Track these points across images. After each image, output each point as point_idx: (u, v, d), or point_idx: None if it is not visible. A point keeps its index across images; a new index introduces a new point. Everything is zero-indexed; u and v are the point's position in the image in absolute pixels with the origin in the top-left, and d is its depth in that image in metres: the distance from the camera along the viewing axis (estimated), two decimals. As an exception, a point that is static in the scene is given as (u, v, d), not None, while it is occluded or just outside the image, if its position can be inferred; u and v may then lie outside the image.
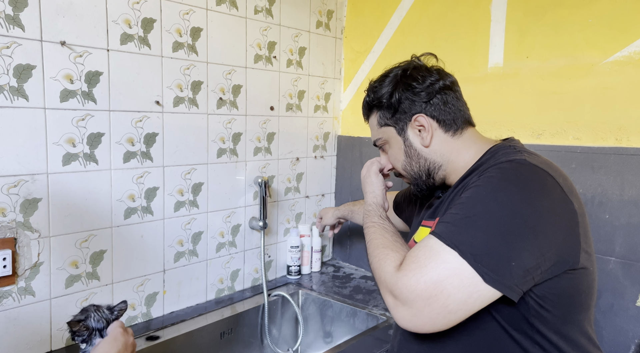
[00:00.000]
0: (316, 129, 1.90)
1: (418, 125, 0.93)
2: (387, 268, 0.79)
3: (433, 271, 0.70)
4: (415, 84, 0.93)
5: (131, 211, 1.34)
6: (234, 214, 1.62)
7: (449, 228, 0.74)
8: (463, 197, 0.78)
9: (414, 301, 0.71)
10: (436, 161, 0.94)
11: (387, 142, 0.99)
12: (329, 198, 2.00)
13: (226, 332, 1.48)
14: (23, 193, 1.12)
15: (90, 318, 0.94)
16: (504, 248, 0.70)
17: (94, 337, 0.93)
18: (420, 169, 0.96)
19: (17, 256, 1.12)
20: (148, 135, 1.35)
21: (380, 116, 0.98)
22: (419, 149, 0.95)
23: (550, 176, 0.76)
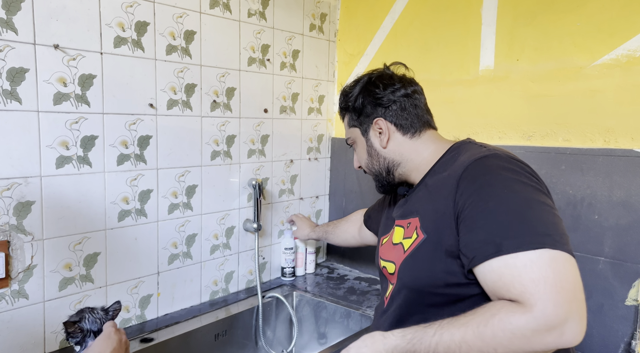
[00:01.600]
0: (310, 132, 1.91)
1: (378, 128, 1.04)
2: (516, 323, 0.71)
3: (555, 274, 0.71)
4: (377, 90, 1.05)
5: (125, 213, 1.34)
6: (228, 217, 1.63)
7: (515, 237, 0.75)
8: (484, 207, 0.80)
9: (569, 311, 0.70)
10: (394, 160, 1.04)
11: (355, 142, 1.11)
12: (323, 200, 2.01)
13: (220, 334, 1.48)
14: (16, 196, 1.13)
15: (85, 319, 0.95)
16: (554, 219, 0.78)
17: (87, 339, 0.94)
18: (380, 167, 1.06)
19: (10, 259, 1.12)
20: (142, 138, 1.36)
21: (350, 117, 1.10)
22: (378, 149, 1.06)
23: (518, 160, 0.89)
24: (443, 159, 0.98)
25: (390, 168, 1.05)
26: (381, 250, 1.09)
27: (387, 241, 1.08)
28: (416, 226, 0.93)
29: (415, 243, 0.92)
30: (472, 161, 0.85)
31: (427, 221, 0.91)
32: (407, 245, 0.94)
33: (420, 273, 0.89)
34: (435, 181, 0.95)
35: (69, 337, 0.94)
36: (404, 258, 0.94)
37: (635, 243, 1.22)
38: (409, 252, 0.93)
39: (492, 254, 0.76)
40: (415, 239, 0.92)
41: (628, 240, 1.23)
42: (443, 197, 0.87)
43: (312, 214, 1.96)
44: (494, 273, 0.77)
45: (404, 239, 0.97)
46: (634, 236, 1.22)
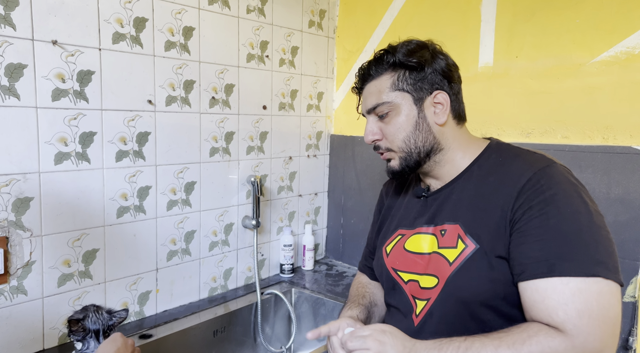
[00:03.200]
0: (309, 128, 1.91)
1: (436, 102, 0.91)
2: (555, 348, 0.72)
3: (600, 310, 0.72)
4: (448, 61, 0.93)
5: (123, 210, 1.34)
6: (226, 213, 1.63)
7: (571, 260, 0.74)
8: (543, 223, 0.77)
9: (606, 344, 0.72)
10: (441, 143, 0.93)
11: (395, 109, 0.92)
12: (322, 197, 2.01)
13: (219, 330, 1.49)
14: (15, 192, 1.13)
15: (89, 318, 0.95)
16: (610, 244, 0.76)
17: (88, 338, 0.94)
18: (422, 145, 0.91)
19: (9, 255, 1.12)
20: (140, 134, 1.36)
21: (400, 78, 0.91)
22: (431, 124, 0.91)
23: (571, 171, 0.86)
24: (481, 160, 0.91)
25: (434, 150, 0.92)
26: (390, 261, 0.99)
27: (394, 249, 0.99)
28: (459, 234, 0.86)
29: (464, 253, 0.84)
30: (535, 171, 0.81)
31: (476, 229, 0.84)
32: (451, 256, 0.86)
33: (477, 284, 0.83)
34: (478, 186, 0.88)
35: (71, 333, 0.94)
36: (453, 270, 0.85)
37: (633, 240, 1.22)
38: (458, 263, 0.85)
39: (542, 274, 0.75)
40: (464, 249, 0.85)
41: (626, 236, 1.23)
42: (498, 206, 0.82)
43: (310, 211, 1.97)
44: (537, 294, 0.76)
45: (442, 249, 0.88)
46: (632, 233, 1.22)
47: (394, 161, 0.95)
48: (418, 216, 0.97)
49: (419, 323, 0.90)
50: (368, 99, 0.96)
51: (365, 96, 0.97)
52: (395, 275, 0.97)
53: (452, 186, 0.93)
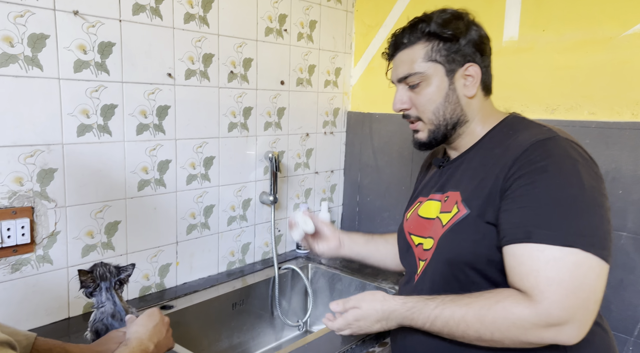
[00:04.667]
0: (326, 105, 1.90)
1: (467, 74, 0.91)
2: (518, 314, 0.74)
3: (572, 280, 0.71)
4: (482, 33, 0.92)
5: (144, 183, 1.35)
6: (244, 189, 1.64)
7: (549, 228, 0.74)
8: (529, 191, 0.77)
9: (574, 315, 0.72)
10: (468, 115, 0.93)
11: (426, 80, 0.91)
12: (338, 174, 2.01)
13: (238, 303, 1.51)
14: (39, 162, 1.14)
15: (96, 271, 0.97)
16: (601, 222, 0.75)
17: (99, 292, 0.96)
18: (452, 117, 0.92)
19: (34, 225, 1.14)
20: (160, 108, 1.35)
21: (434, 49, 0.90)
22: (461, 96, 0.92)
23: (580, 146, 0.82)
24: (494, 132, 0.92)
25: (460, 122, 0.93)
26: (407, 226, 1.05)
27: (412, 215, 1.04)
28: (456, 201, 0.90)
29: (455, 217, 0.88)
30: (533, 142, 0.81)
31: (471, 196, 0.87)
32: (445, 220, 0.90)
33: (462, 246, 0.86)
34: (483, 157, 0.90)
35: (82, 286, 0.96)
36: (443, 232, 0.90)
37: (659, 218, 1.20)
38: (448, 226, 0.89)
39: (519, 239, 0.76)
40: (456, 213, 0.88)
41: (651, 215, 1.21)
42: (493, 175, 0.84)
43: (327, 188, 1.96)
44: (514, 259, 0.77)
45: (442, 213, 0.93)
46: (658, 211, 1.20)
47: (422, 133, 0.97)
48: (434, 185, 1.01)
49: (416, 281, 0.97)
50: (399, 67, 0.95)
51: (396, 64, 0.96)
52: (409, 239, 1.03)
53: (464, 156, 0.96)
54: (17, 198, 1.11)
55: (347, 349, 1.13)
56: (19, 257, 1.12)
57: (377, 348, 1.18)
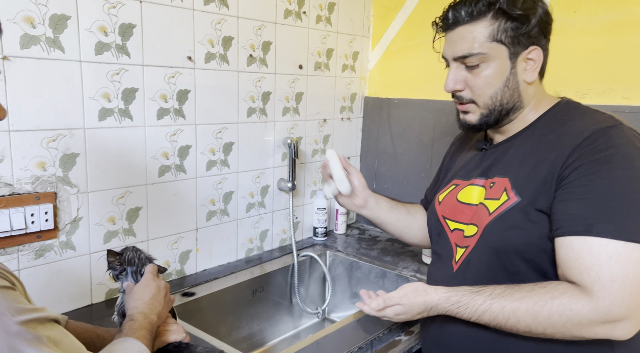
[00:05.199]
0: (343, 90, 1.86)
1: (529, 58, 0.85)
2: (577, 311, 0.72)
3: (636, 277, 0.69)
4: (548, 12, 0.85)
5: (165, 169, 1.33)
6: (263, 175, 1.61)
7: (613, 222, 0.71)
8: (591, 182, 0.74)
9: (633, 312, 0.70)
10: (523, 101, 0.89)
11: (487, 61, 0.84)
12: (355, 161, 1.98)
13: (258, 290, 1.50)
14: (62, 147, 1.11)
15: (125, 254, 0.95)
16: None
17: (124, 276, 0.94)
18: (508, 103, 0.87)
19: (57, 211, 1.12)
20: (180, 92, 1.32)
21: (500, 28, 0.82)
22: (520, 81, 0.85)
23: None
24: (546, 117, 0.88)
25: (515, 108, 0.88)
26: (441, 209, 1.01)
27: (447, 198, 1.00)
28: (505, 188, 0.86)
29: (505, 205, 0.85)
30: (595, 129, 0.77)
31: (522, 183, 0.84)
32: (493, 207, 0.87)
33: (512, 235, 0.82)
34: (535, 143, 0.86)
35: (108, 267, 0.94)
36: (491, 220, 0.86)
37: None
38: (496, 214, 0.85)
39: (579, 231, 0.73)
40: (505, 201, 0.85)
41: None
42: (548, 161, 0.80)
43: (343, 175, 1.94)
44: (572, 252, 0.74)
45: (487, 200, 0.89)
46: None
47: (472, 116, 0.91)
48: (474, 169, 0.97)
49: (457, 269, 0.93)
50: (458, 44, 0.86)
51: (453, 39, 0.88)
52: (443, 222, 1.00)
53: (512, 141, 0.92)
54: (40, 183, 1.09)
55: (373, 338, 1.12)
56: (42, 243, 1.10)
57: (403, 336, 1.18)
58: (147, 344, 0.74)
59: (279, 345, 1.55)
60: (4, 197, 1.03)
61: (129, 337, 0.73)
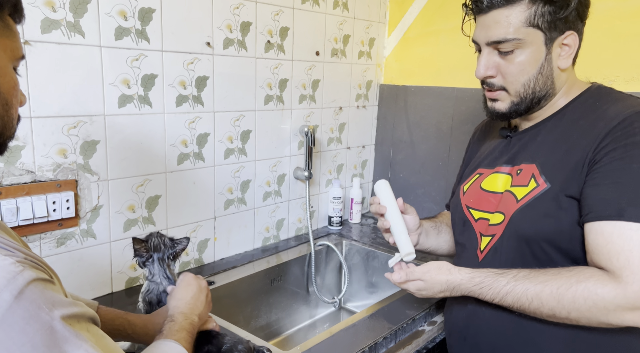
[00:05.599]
0: (359, 77, 1.84)
1: (565, 43, 0.81)
2: (603, 295, 0.70)
3: None
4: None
5: (184, 156, 1.31)
6: (279, 164, 1.60)
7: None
8: (624, 166, 0.71)
9: None
10: (556, 88, 0.86)
11: (522, 47, 0.81)
12: (369, 150, 1.96)
13: (276, 279, 1.49)
14: (82, 134, 1.09)
15: (151, 241, 0.93)
16: None
17: (151, 263, 0.92)
18: (540, 90, 0.83)
19: (78, 199, 1.11)
20: (199, 78, 1.30)
21: (537, 12, 0.78)
22: (554, 68, 0.82)
23: None
24: (576, 103, 0.85)
25: (547, 95, 0.84)
26: (465, 199, 1.00)
27: (471, 187, 0.99)
28: (533, 174, 0.84)
29: (534, 192, 0.83)
30: (629, 114, 0.75)
31: (551, 170, 0.81)
32: (521, 194, 0.85)
33: (542, 223, 0.81)
34: (566, 128, 0.83)
35: (136, 255, 0.93)
36: (519, 207, 0.84)
37: None
38: (525, 201, 0.84)
39: (609, 216, 0.71)
40: (535, 188, 0.83)
41: None
42: (579, 147, 0.78)
43: (357, 164, 1.92)
44: (601, 237, 0.73)
45: (514, 187, 0.87)
46: None
47: (502, 103, 0.88)
48: (499, 156, 0.94)
49: (483, 258, 0.91)
50: (493, 29, 0.82)
51: (487, 23, 0.83)
52: (467, 212, 0.98)
53: (540, 127, 0.89)
54: (61, 170, 1.07)
55: (397, 328, 1.11)
56: (64, 231, 1.09)
57: (426, 326, 1.17)
58: (187, 347, 0.72)
59: (296, 335, 1.55)
60: (26, 184, 1.02)
61: (169, 339, 0.71)
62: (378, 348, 1.04)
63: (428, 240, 1.12)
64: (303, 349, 1.00)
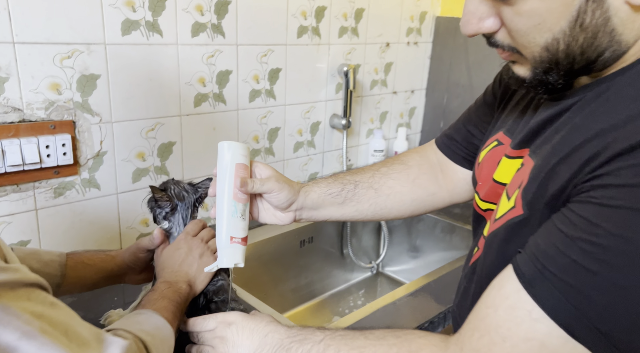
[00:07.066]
0: (412, 8, 1.55)
1: None
2: None
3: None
4: None
5: (202, 97, 1.12)
6: (313, 110, 1.39)
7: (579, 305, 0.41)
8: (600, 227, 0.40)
9: None
10: (623, 42, 0.45)
11: None
12: (419, 96, 1.71)
13: (306, 240, 1.32)
14: (79, 66, 0.92)
15: (170, 189, 0.76)
16: None
17: (175, 215, 0.75)
18: (585, 52, 0.46)
19: (77, 143, 0.95)
20: (219, 3, 1.08)
21: None
22: (613, 12, 0.43)
23: None
24: (632, 72, 0.46)
25: (605, 58, 0.46)
26: (477, 173, 0.67)
27: (484, 159, 0.66)
28: (521, 184, 0.52)
29: (509, 215, 0.52)
30: None
31: (538, 187, 0.49)
32: (501, 210, 0.54)
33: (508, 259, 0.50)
34: (595, 114, 0.47)
35: (157, 206, 0.75)
36: (494, 228, 0.55)
37: None
38: (500, 223, 0.53)
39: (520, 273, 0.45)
40: (511, 209, 0.52)
41: None
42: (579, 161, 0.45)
43: (404, 112, 1.68)
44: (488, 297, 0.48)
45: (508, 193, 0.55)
46: None
47: (522, 69, 0.52)
48: (525, 125, 0.59)
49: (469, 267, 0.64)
50: None
51: None
52: (475, 198, 0.68)
53: (581, 94, 0.50)
54: (55, 109, 0.91)
55: (447, 310, 0.92)
56: (61, 180, 0.95)
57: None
58: (168, 316, 0.58)
59: (330, 300, 1.40)
60: (13, 124, 0.87)
61: (145, 309, 0.57)
62: (424, 334, 0.87)
63: (319, 212, 0.77)
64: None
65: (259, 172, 0.73)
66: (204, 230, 0.76)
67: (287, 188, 0.72)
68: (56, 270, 0.71)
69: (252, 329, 0.61)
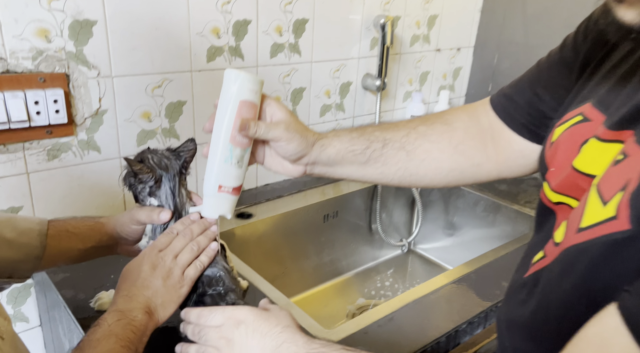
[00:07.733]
0: (463, -49, 1.34)
1: None
2: None
3: None
4: None
5: (216, 51, 0.99)
6: (344, 68, 1.23)
7: None
8: None
9: None
10: None
11: None
12: (466, 54, 1.51)
13: (330, 215, 1.20)
14: (70, 10, 0.80)
15: (147, 160, 0.64)
16: None
17: (160, 187, 0.64)
18: None
19: (72, 100, 0.85)
20: (235, -63, 0.93)
21: None
22: None
23: None
24: None
25: None
26: (549, 155, 0.51)
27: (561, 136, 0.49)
28: (626, 185, 0.36)
29: (606, 227, 0.37)
30: None
31: None
32: (591, 216, 0.39)
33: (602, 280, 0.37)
34: None
35: (138, 182, 0.63)
36: (580, 241, 0.39)
37: None
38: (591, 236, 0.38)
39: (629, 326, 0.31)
40: (610, 220, 0.37)
41: None
42: None
43: (448, 73, 1.49)
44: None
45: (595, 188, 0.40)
46: None
47: (629, 12, 0.37)
48: (627, 99, 0.43)
49: (530, 274, 0.48)
50: None
51: None
52: (543, 187, 0.51)
53: None
54: (44, 59, 0.80)
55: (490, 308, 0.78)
56: (55, 141, 0.85)
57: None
58: None
59: (355, 279, 1.29)
60: (-3, 76, 0.76)
61: None
62: (460, 336, 0.74)
63: (335, 169, 0.65)
64: (355, 329, 0.71)
65: (270, 113, 0.61)
66: (176, 238, 0.61)
67: (297, 138, 0.59)
68: (34, 240, 0.61)
69: (265, 334, 0.50)
